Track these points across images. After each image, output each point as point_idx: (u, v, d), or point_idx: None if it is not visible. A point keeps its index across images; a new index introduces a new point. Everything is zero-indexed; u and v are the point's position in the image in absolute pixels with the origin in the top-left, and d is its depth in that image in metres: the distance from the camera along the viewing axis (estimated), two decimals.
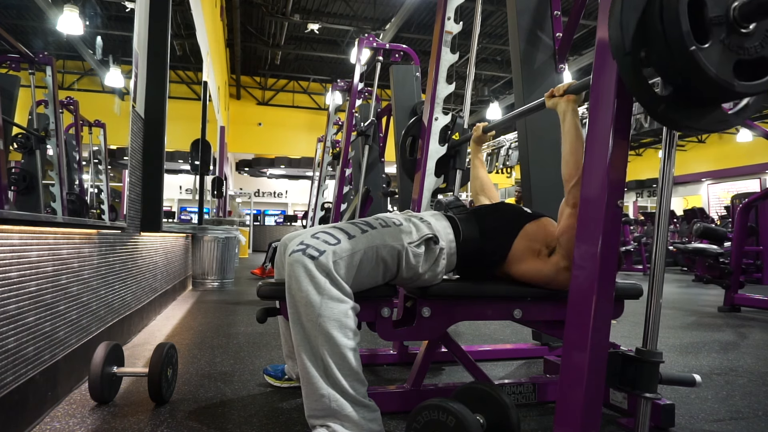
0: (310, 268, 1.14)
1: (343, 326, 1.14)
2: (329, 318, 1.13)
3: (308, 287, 1.13)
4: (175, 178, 13.85)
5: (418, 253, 1.30)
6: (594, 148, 1.04)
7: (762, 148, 12.58)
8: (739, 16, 0.84)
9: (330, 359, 1.13)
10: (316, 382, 1.13)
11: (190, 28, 4.90)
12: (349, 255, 1.19)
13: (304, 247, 1.17)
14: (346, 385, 1.13)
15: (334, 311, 1.14)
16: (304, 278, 1.14)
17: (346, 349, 1.14)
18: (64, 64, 2.27)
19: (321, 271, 1.14)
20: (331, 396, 1.12)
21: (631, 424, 1.40)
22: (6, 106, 1.68)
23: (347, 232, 1.24)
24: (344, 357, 1.14)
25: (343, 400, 1.13)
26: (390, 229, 1.31)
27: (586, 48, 10.11)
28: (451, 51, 2.19)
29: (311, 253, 1.15)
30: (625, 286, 1.39)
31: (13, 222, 1.23)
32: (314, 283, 1.14)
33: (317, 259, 1.14)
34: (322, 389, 1.13)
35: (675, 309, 3.92)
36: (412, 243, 1.30)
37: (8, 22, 1.76)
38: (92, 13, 2.33)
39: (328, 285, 1.14)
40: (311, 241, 1.18)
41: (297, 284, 1.14)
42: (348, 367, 1.14)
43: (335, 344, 1.13)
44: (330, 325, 1.13)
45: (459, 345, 1.63)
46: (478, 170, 1.97)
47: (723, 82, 0.85)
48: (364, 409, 1.16)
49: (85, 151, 2.47)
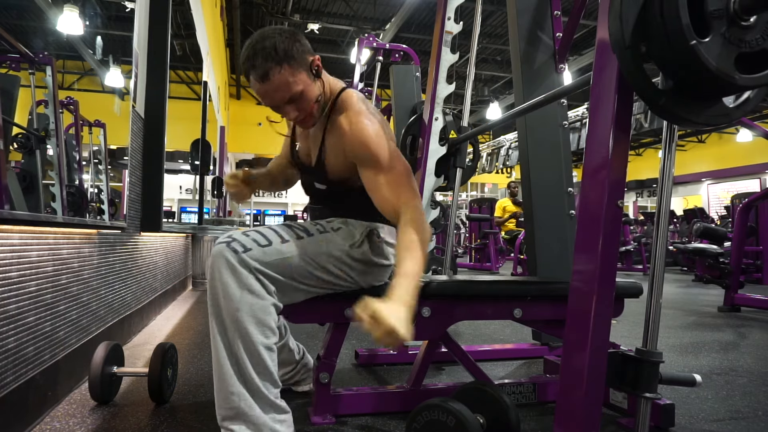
0: (232, 262, 1.11)
1: (261, 323, 1.12)
2: (247, 313, 1.10)
3: (228, 279, 1.11)
4: (175, 178, 13.83)
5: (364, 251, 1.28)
6: (594, 147, 1.04)
7: (762, 148, 12.56)
8: (740, 9, 0.84)
9: (244, 355, 1.10)
10: (228, 379, 1.10)
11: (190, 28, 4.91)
12: (279, 259, 1.16)
13: (229, 240, 1.15)
14: (258, 383, 1.11)
15: (254, 306, 1.11)
16: (225, 270, 1.11)
17: (261, 347, 1.11)
18: (64, 64, 2.27)
19: (244, 266, 1.12)
20: (241, 395, 1.10)
21: (631, 424, 1.40)
22: (6, 106, 1.68)
23: (281, 235, 1.21)
24: (259, 354, 1.11)
25: (251, 400, 1.10)
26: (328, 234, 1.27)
27: (586, 48, 10.11)
28: (451, 51, 2.19)
29: (235, 247, 1.13)
30: (625, 285, 1.39)
31: (13, 222, 1.23)
32: (235, 276, 1.11)
33: (240, 254, 1.12)
34: (231, 386, 1.10)
35: (675, 309, 3.92)
36: (354, 244, 1.27)
37: (8, 22, 1.76)
38: (92, 13, 2.34)
39: (251, 279, 1.12)
40: (240, 236, 1.17)
41: (218, 275, 1.11)
42: (262, 365, 1.11)
43: (250, 341, 1.10)
44: (247, 320, 1.10)
45: (459, 345, 1.63)
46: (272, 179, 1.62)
47: (724, 76, 0.85)
48: (274, 409, 1.13)
49: (85, 150, 2.47)
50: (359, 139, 1.21)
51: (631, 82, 0.94)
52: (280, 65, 1.13)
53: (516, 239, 6.80)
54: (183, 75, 9.76)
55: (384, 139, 1.23)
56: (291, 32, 1.18)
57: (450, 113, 2.19)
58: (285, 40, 1.15)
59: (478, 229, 8.76)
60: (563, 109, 2.19)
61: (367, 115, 1.24)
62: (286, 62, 1.14)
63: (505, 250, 7.90)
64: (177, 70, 9.28)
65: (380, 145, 1.21)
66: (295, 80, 1.16)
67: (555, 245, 2.09)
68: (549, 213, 2.11)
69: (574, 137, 8.62)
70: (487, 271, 7.77)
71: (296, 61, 1.15)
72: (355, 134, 1.21)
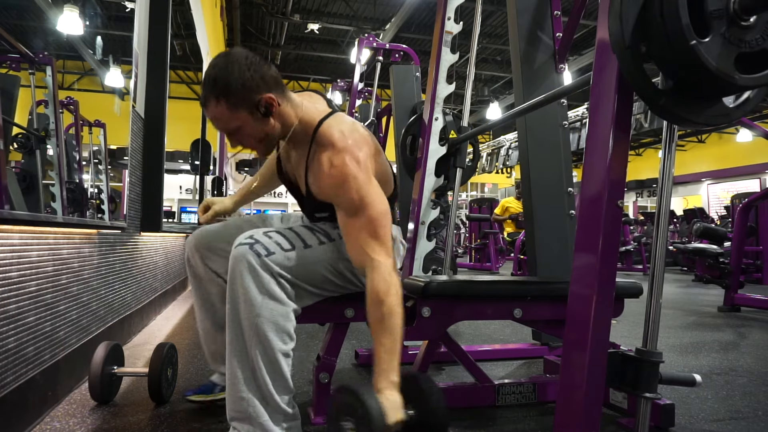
0: (255, 266, 1.09)
1: (280, 329, 1.11)
2: (267, 319, 1.09)
3: (250, 284, 1.09)
4: (175, 178, 13.79)
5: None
6: (594, 147, 1.04)
7: (762, 148, 12.55)
8: (740, 9, 0.84)
9: (261, 361, 1.10)
10: (239, 384, 1.10)
11: (190, 28, 4.90)
12: (301, 265, 1.15)
13: (252, 242, 1.11)
14: (272, 390, 1.10)
15: (274, 312, 1.10)
16: (247, 274, 1.09)
17: (279, 354, 1.11)
18: (64, 64, 2.27)
19: (266, 270, 1.10)
20: (250, 401, 1.09)
21: (631, 424, 1.40)
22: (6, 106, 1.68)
23: (304, 240, 1.19)
24: (276, 361, 1.10)
25: (261, 407, 1.10)
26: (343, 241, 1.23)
27: (586, 48, 10.11)
28: (451, 51, 2.19)
29: (258, 250, 1.10)
30: (625, 285, 1.39)
31: (13, 222, 1.23)
32: (257, 280, 1.09)
33: (263, 258, 1.10)
34: (242, 392, 1.10)
35: (675, 309, 3.92)
36: None
37: (8, 22, 1.76)
38: (92, 13, 2.33)
39: (272, 285, 1.10)
40: (262, 238, 1.13)
41: (240, 279, 1.09)
42: (278, 372, 1.11)
43: (269, 347, 1.10)
44: (267, 327, 1.09)
45: (459, 345, 1.63)
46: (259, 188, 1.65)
47: (724, 76, 0.85)
48: (283, 416, 1.12)
49: (85, 150, 2.47)
50: (335, 180, 1.14)
51: (631, 82, 0.94)
52: (217, 99, 1.10)
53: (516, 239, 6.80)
54: (183, 75, 9.75)
55: (360, 181, 1.14)
56: (251, 64, 1.11)
57: (450, 113, 2.19)
58: (235, 72, 1.09)
59: (478, 229, 8.76)
60: (563, 109, 2.19)
61: (350, 152, 1.15)
62: (223, 97, 1.10)
63: (505, 250, 7.90)
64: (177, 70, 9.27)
65: (354, 189, 1.13)
66: (232, 116, 1.12)
67: (555, 245, 2.09)
68: (549, 213, 2.11)
69: (574, 137, 8.63)
70: (487, 271, 7.77)
71: (236, 98, 1.10)
72: (333, 176, 1.15)
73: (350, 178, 1.13)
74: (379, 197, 1.16)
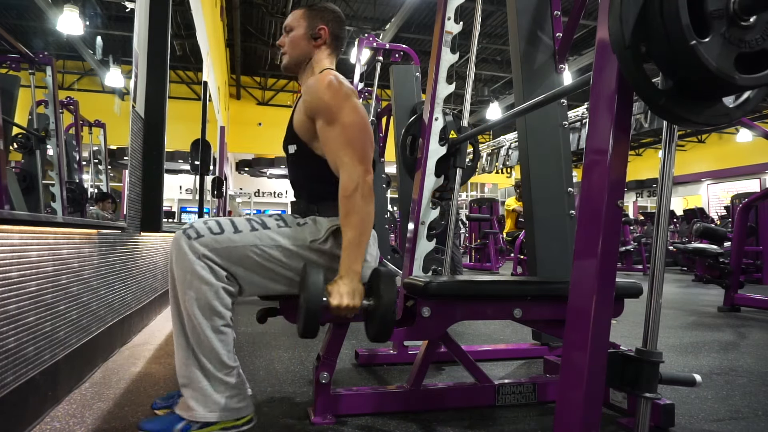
0: (184, 248, 1.20)
1: (206, 307, 1.19)
2: (193, 298, 1.19)
3: (179, 265, 1.21)
4: (175, 178, 13.81)
5: (330, 246, 1.30)
6: (594, 147, 1.04)
7: (762, 148, 12.56)
8: (740, 9, 0.84)
9: (191, 336, 1.21)
10: (181, 351, 1.23)
11: (190, 28, 4.90)
12: (228, 247, 1.22)
13: (187, 227, 1.23)
14: (205, 363, 1.21)
15: (200, 291, 1.19)
16: (177, 256, 1.21)
17: (208, 330, 1.20)
18: (64, 64, 2.27)
19: (193, 251, 1.20)
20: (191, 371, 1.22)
21: (631, 424, 1.40)
22: (6, 106, 1.68)
23: (236, 226, 1.27)
24: (205, 337, 1.20)
25: (200, 375, 1.21)
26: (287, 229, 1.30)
27: (586, 48, 10.11)
28: (451, 51, 2.19)
29: (189, 233, 1.21)
30: (625, 285, 1.39)
31: (13, 222, 1.23)
32: (185, 261, 1.19)
33: (191, 240, 1.20)
34: (184, 360, 1.22)
35: (675, 309, 3.92)
36: (316, 240, 1.29)
37: (8, 22, 1.76)
38: (92, 13, 2.33)
39: (197, 265, 1.19)
40: (198, 224, 1.25)
41: (173, 259, 1.22)
42: (207, 347, 1.20)
43: (197, 323, 1.20)
44: (193, 305, 1.19)
45: (459, 345, 1.63)
46: None
47: (724, 76, 0.85)
48: (224, 386, 1.22)
49: (85, 150, 2.47)
50: (316, 88, 1.29)
51: (631, 82, 0.94)
52: (303, 9, 1.44)
53: (516, 239, 6.80)
54: (183, 75, 9.74)
55: (341, 94, 1.27)
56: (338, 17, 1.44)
57: (450, 113, 2.19)
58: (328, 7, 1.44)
59: (478, 229, 8.76)
60: (563, 109, 2.19)
61: (335, 75, 1.32)
62: (308, 9, 1.43)
63: (505, 250, 7.90)
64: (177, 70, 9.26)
65: (334, 96, 1.26)
66: (298, 21, 1.42)
67: (555, 245, 2.09)
68: (549, 213, 2.11)
69: (574, 137, 8.62)
70: (487, 271, 7.77)
71: (312, 14, 1.42)
72: (313, 85, 1.30)
73: (329, 85, 1.28)
74: (355, 111, 1.28)
